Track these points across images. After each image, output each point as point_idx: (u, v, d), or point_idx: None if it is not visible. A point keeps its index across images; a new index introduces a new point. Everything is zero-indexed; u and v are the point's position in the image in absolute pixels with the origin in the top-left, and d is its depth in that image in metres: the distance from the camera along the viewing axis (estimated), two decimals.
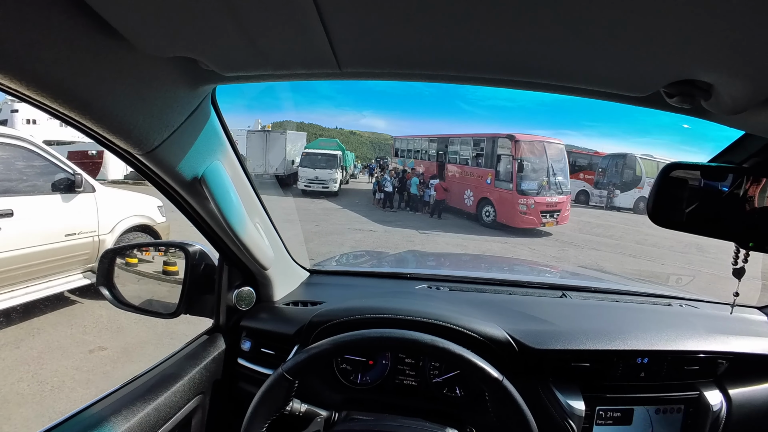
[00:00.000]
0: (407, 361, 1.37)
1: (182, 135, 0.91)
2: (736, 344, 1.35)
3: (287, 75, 0.84)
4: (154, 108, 0.80)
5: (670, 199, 0.88)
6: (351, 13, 0.59)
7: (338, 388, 1.37)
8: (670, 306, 1.69)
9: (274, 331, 1.42)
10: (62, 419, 1.03)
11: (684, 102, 0.70)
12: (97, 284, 1.41)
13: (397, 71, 0.80)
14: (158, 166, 0.94)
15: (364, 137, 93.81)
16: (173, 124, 0.87)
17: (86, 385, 3.67)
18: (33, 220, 4.59)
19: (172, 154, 0.92)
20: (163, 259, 1.80)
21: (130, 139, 0.81)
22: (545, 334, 1.32)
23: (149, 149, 0.86)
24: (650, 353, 1.29)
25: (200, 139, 0.98)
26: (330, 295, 1.62)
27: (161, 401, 1.15)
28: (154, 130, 0.84)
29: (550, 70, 0.73)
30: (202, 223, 1.21)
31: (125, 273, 1.54)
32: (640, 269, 9.55)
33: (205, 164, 1.02)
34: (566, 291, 1.76)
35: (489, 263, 3.59)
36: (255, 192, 1.32)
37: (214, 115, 1.01)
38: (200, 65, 0.78)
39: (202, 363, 1.33)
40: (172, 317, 1.39)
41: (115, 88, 0.71)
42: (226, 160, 1.10)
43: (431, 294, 1.70)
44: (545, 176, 13.89)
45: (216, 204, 1.04)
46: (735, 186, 0.84)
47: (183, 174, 0.98)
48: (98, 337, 4.55)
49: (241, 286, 1.44)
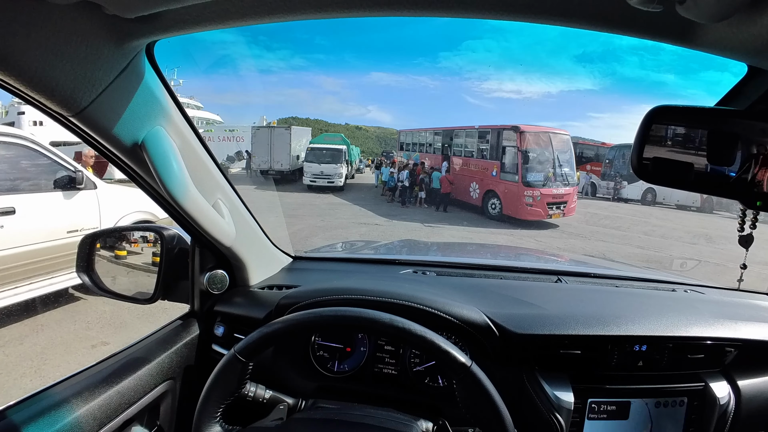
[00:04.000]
0: (387, 348, 1.31)
1: (113, 95, 0.86)
2: (745, 330, 1.23)
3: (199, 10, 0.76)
4: (75, 65, 0.76)
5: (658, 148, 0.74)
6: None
7: (313, 376, 1.30)
8: (674, 291, 1.59)
9: (245, 315, 1.38)
10: (20, 399, 1.00)
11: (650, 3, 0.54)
12: (77, 269, 1.39)
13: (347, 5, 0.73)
14: (92, 129, 0.88)
15: (369, 132, 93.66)
16: (101, 84, 0.82)
17: None
18: (35, 218, 4.61)
19: (104, 117, 0.87)
20: (152, 251, 1.79)
21: (54, 98, 0.77)
22: (531, 318, 1.22)
23: (78, 110, 0.81)
24: (649, 339, 1.17)
25: (137, 102, 0.92)
26: (309, 279, 1.55)
27: (125, 384, 1.13)
28: (80, 90, 0.79)
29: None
30: (158, 198, 1.16)
31: (106, 260, 1.52)
32: (648, 261, 9.43)
33: (145, 129, 0.96)
34: (562, 276, 1.66)
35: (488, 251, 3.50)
36: (218, 167, 1.26)
37: (152, 75, 0.95)
38: (104, 11, 0.72)
39: (172, 348, 1.30)
40: (148, 303, 1.38)
41: (29, 43, 0.68)
42: (170, 126, 1.03)
43: (415, 278, 1.62)
44: (551, 167, 13.77)
45: (156, 171, 0.98)
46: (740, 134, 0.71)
47: (121, 138, 0.93)
48: (101, 332, 4.57)
49: (214, 269, 1.40)
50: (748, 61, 0.68)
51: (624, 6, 0.56)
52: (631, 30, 0.69)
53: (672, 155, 0.73)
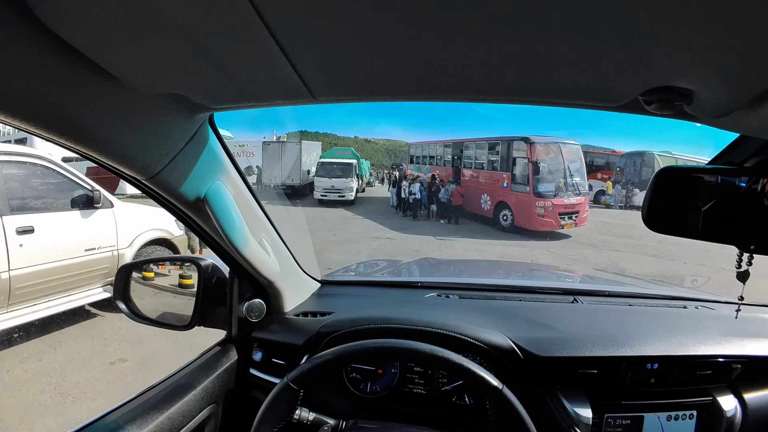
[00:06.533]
0: (416, 370, 1.38)
1: (182, 160, 0.96)
2: (750, 347, 1.31)
3: (269, 104, 0.90)
4: (153, 138, 0.86)
5: (666, 204, 0.87)
6: (310, 50, 0.64)
7: (348, 397, 1.38)
8: (685, 308, 1.67)
9: (283, 341, 1.45)
10: (78, 428, 1.08)
11: (664, 108, 0.68)
12: (114, 298, 1.48)
13: (367, 96, 0.85)
14: (162, 189, 0.99)
15: (379, 144, 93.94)
16: (173, 151, 0.92)
17: (107, 396, 3.73)
18: (53, 236, 4.70)
19: (174, 178, 0.97)
20: (179, 273, 1.85)
21: (133, 167, 0.87)
22: (551, 341, 1.30)
23: (152, 175, 0.91)
24: (660, 358, 1.26)
25: (200, 162, 1.03)
26: (339, 305, 1.64)
27: (175, 410, 1.19)
28: (155, 158, 0.89)
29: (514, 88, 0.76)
30: (208, 239, 1.25)
31: (141, 287, 1.60)
32: (661, 269, 9.34)
33: (207, 185, 1.07)
34: (578, 296, 1.74)
35: (503, 269, 3.55)
36: (261, 208, 1.36)
37: (213, 138, 1.07)
38: (191, 99, 0.84)
39: (214, 373, 1.36)
40: (186, 329, 1.45)
41: (116, 123, 0.77)
42: (227, 179, 1.15)
43: (440, 303, 1.70)
44: (562, 178, 13.71)
45: (218, 222, 1.09)
46: (734, 188, 0.82)
47: (186, 195, 1.03)
48: (119, 348, 4.63)
49: (252, 298, 1.47)
50: (743, 133, 0.80)
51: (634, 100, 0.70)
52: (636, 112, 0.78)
53: (678, 209, 0.86)
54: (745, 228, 0.81)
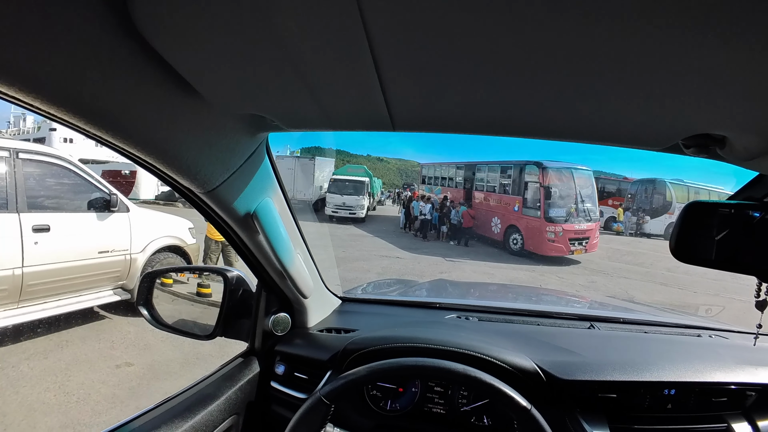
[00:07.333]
0: (436, 389, 1.40)
1: (240, 176, 1.01)
2: (764, 375, 1.32)
3: (345, 130, 0.95)
4: (219, 154, 0.91)
5: (693, 236, 0.91)
6: (407, 80, 0.67)
7: (368, 414, 1.39)
8: (699, 337, 1.69)
9: (308, 356, 1.48)
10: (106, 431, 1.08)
11: (700, 152, 0.77)
12: (137, 304, 1.51)
13: (444, 129, 0.89)
14: (216, 204, 1.03)
15: (391, 164, 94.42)
16: (233, 167, 0.97)
17: (111, 399, 3.74)
18: (68, 236, 4.77)
19: (229, 193, 1.02)
20: (198, 282, 1.88)
21: (195, 180, 0.91)
22: (573, 365, 1.33)
23: (210, 189, 0.95)
24: (677, 385, 1.28)
25: (255, 179, 1.07)
26: (362, 323, 1.67)
27: (198, 420, 1.21)
28: (216, 173, 0.93)
29: (573, 129, 0.83)
30: (247, 253, 1.29)
31: (162, 294, 1.63)
32: (671, 298, 9.22)
33: (257, 201, 1.11)
34: (594, 322, 1.77)
35: (516, 293, 3.56)
36: (297, 225, 1.40)
37: (267, 157, 1.11)
38: (267, 120, 0.88)
39: (237, 384, 1.38)
40: (208, 339, 1.46)
41: (191, 138, 0.82)
42: (275, 197, 1.20)
43: (461, 324, 1.73)
44: (573, 203, 13.67)
45: (266, 237, 1.15)
46: (755, 221, 0.86)
47: (237, 210, 1.08)
48: (125, 352, 4.65)
49: (278, 312, 1.50)
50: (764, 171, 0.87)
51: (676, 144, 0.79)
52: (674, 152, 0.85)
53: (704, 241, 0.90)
54: (764, 259, 0.86)
